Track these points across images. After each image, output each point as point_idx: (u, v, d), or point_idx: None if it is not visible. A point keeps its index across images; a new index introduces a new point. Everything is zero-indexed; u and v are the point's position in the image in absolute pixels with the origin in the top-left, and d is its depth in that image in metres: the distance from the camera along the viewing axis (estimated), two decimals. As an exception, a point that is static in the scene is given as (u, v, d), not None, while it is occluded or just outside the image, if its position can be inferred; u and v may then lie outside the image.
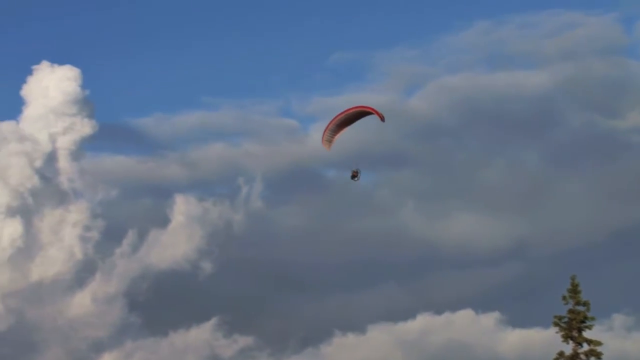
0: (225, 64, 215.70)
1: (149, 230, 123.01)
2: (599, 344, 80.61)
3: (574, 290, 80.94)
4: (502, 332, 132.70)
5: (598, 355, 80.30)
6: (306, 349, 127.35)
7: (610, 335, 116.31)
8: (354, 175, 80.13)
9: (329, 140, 76.77)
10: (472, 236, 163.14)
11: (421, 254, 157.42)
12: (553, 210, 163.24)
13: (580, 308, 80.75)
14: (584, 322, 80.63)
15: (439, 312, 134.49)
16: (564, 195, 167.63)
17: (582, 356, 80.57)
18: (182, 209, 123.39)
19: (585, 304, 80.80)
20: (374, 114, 74.32)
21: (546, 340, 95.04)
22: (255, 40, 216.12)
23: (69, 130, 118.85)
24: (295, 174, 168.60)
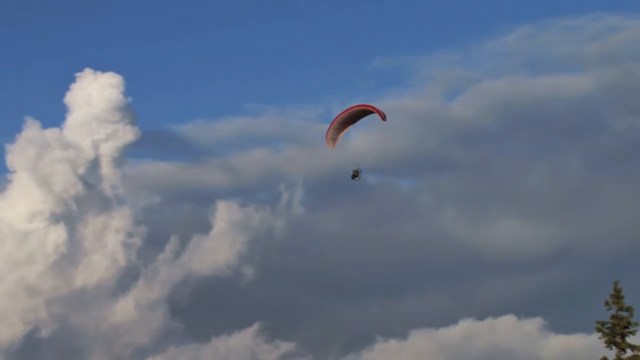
0: (266, 70, 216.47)
1: (191, 236, 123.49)
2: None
3: (617, 295, 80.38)
4: (544, 338, 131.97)
5: (641, 361, 79.85)
6: (348, 355, 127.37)
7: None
8: (355, 175, 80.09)
9: (332, 139, 77.61)
10: (514, 241, 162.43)
11: (463, 260, 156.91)
12: (596, 215, 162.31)
13: (624, 314, 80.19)
14: (627, 327, 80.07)
15: (481, 317, 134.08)
16: (606, 200, 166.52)
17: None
18: (224, 215, 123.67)
19: (629, 309, 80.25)
20: (375, 112, 75.03)
21: (589, 346, 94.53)
22: (295, 47, 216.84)
23: (111, 137, 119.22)
24: (336, 179, 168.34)
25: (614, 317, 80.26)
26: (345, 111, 76.24)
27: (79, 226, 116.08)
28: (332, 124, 76.90)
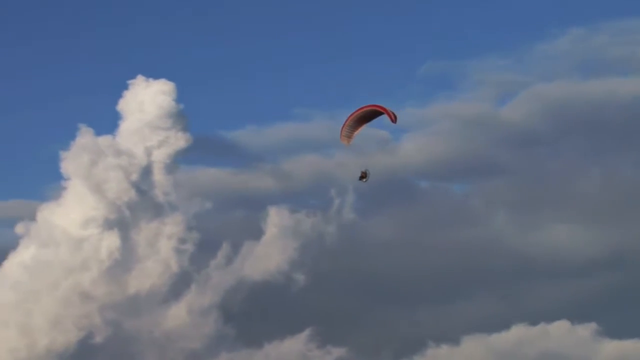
0: (316, 75, 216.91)
1: (242, 242, 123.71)
2: (697, 356, 79.45)
3: (672, 302, 79.81)
4: (598, 344, 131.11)
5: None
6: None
7: None
8: (363, 177, 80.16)
9: (347, 136, 78.33)
10: (567, 246, 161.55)
11: (515, 264, 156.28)
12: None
13: (679, 320, 79.64)
14: (682, 334, 79.50)
15: (534, 322, 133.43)
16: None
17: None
18: (275, 220, 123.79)
19: (684, 316, 79.69)
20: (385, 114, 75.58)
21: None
22: (345, 51, 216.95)
23: (163, 143, 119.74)
24: (387, 184, 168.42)
25: (669, 323, 79.76)
26: (359, 110, 76.99)
27: (132, 232, 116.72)
28: (346, 122, 77.60)
